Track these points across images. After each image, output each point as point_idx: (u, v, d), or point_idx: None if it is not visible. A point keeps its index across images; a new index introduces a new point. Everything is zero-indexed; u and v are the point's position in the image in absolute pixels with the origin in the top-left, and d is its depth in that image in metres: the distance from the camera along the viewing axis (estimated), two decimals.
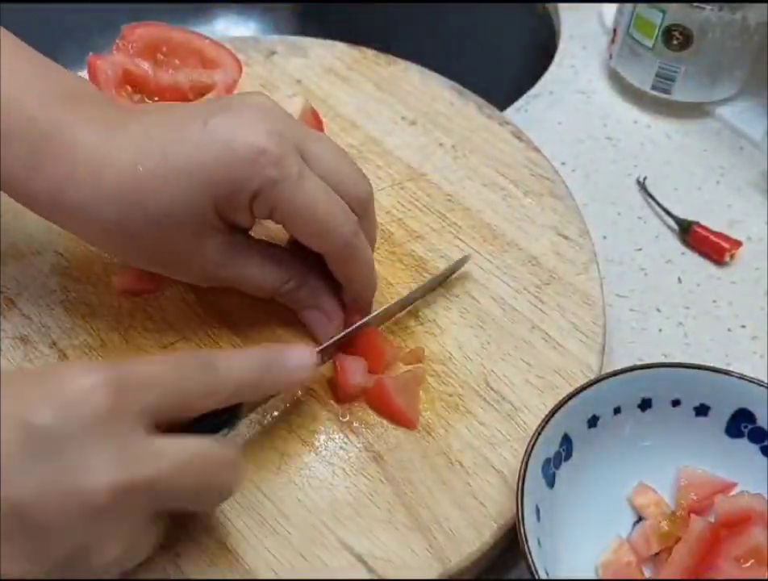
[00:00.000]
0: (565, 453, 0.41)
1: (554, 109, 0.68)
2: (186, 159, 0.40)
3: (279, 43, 0.66)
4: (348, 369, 0.44)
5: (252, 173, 0.39)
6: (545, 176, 0.57)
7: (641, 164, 0.64)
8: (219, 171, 0.40)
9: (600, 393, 0.41)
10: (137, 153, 0.40)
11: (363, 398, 0.44)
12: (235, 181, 0.40)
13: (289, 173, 0.40)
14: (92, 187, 0.40)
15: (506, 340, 0.47)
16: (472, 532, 0.40)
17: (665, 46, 0.63)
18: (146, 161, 0.40)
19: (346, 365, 0.44)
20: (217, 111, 0.41)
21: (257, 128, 0.40)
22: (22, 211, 0.42)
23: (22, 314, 0.47)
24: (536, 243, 0.53)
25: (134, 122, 0.41)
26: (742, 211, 0.60)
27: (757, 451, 0.42)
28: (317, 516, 0.40)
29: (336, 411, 0.44)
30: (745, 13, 0.60)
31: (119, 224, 0.41)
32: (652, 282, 0.56)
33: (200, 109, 0.42)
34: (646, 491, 0.43)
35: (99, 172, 0.40)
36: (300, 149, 0.41)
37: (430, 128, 0.60)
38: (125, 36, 0.57)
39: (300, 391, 0.44)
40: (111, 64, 0.55)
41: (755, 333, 0.53)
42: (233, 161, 0.39)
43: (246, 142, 0.39)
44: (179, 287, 0.49)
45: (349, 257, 0.43)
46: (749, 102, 0.67)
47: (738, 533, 0.40)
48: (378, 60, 0.65)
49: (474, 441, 0.43)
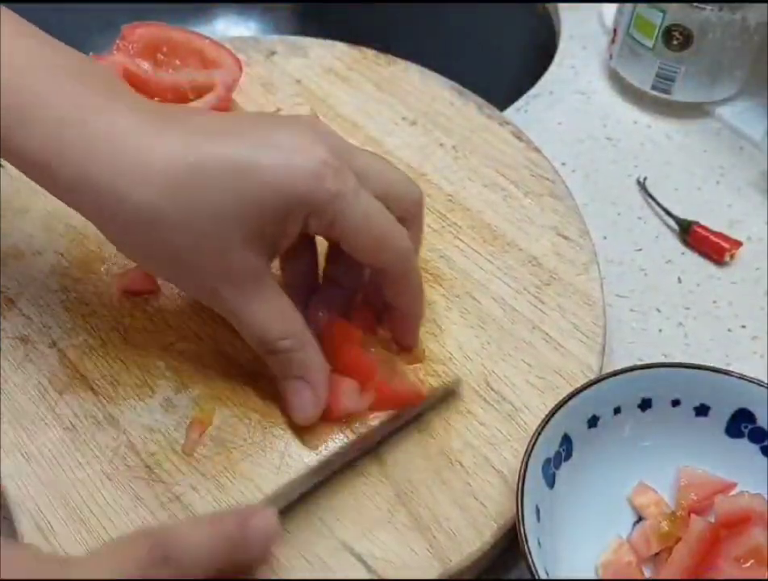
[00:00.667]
0: (565, 453, 0.41)
1: (554, 109, 0.68)
2: (249, 159, 0.38)
3: (279, 43, 0.66)
4: (340, 394, 0.42)
5: (316, 185, 0.38)
6: (545, 176, 0.57)
7: (641, 164, 0.64)
8: (282, 178, 0.38)
9: (600, 393, 0.41)
10: (188, 145, 0.38)
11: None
12: (298, 192, 0.38)
13: (348, 187, 0.39)
14: (135, 174, 0.38)
15: (506, 340, 0.47)
16: (472, 532, 0.40)
17: (665, 46, 0.63)
18: (200, 155, 0.38)
19: (338, 389, 0.42)
20: (272, 122, 0.40)
21: (317, 143, 0.39)
22: (23, 210, 0.42)
23: (22, 314, 0.47)
24: (536, 243, 0.53)
25: (177, 118, 0.40)
26: (742, 211, 0.60)
27: (757, 451, 0.42)
28: (317, 515, 0.40)
29: None
30: (745, 13, 0.60)
31: (153, 214, 0.38)
32: (652, 282, 0.56)
33: (252, 117, 0.41)
34: (646, 490, 0.43)
35: (143, 158, 0.38)
36: (351, 164, 0.40)
37: (430, 128, 0.60)
38: (125, 36, 0.57)
39: None
40: (111, 64, 0.55)
41: (755, 333, 0.53)
42: (297, 170, 0.38)
43: (310, 155, 0.38)
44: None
45: (405, 272, 0.42)
46: (749, 102, 0.68)
47: (738, 534, 0.40)
48: (378, 60, 0.65)
49: (474, 441, 0.43)
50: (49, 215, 0.52)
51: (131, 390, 0.44)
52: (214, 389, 0.44)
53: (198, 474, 0.41)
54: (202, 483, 0.41)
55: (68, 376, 0.44)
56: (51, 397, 0.43)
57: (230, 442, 0.42)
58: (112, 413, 0.43)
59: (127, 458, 0.41)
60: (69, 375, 0.44)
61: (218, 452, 0.42)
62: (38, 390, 0.44)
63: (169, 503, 0.40)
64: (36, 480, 0.40)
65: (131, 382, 0.44)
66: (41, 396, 0.43)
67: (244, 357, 0.45)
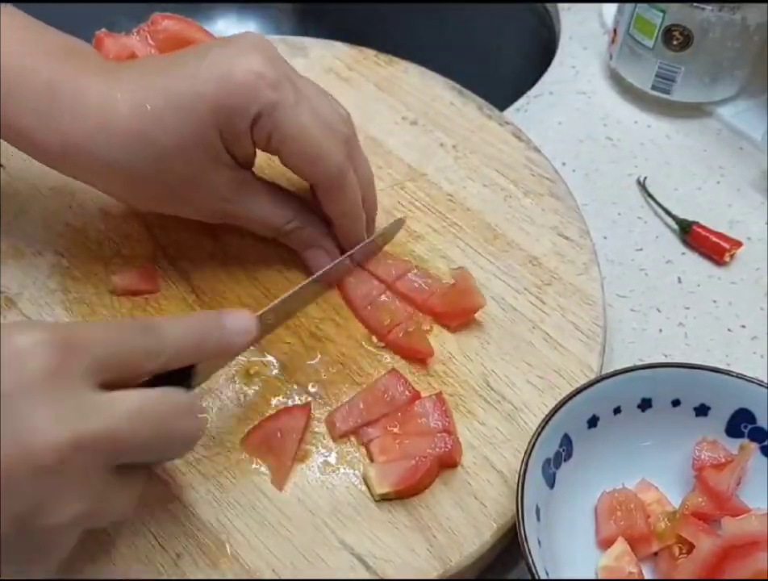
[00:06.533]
0: (565, 453, 0.41)
1: (554, 109, 0.68)
2: (190, 91, 0.42)
3: (279, 43, 0.66)
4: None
5: (253, 96, 0.42)
6: (546, 176, 0.57)
7: (641, 164, 0.64)
8: (221, 98, 0.42)
9: (600, 393, 0.41)
10: (142, 94, 0.42)
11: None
12: (236, 106, 0.42)
13: (286, 97, 0.42)
14: (101, 130, 0.42)
15: (506, 340, 0.47)
16: (472, 532, 0.40)
17: (665, 46, 0.63)
18: (152, 100, 0.42)
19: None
20: (212, 47, 0.43)
21: (253, 56, 0.42)
22: (23, 210, 0.42)
23: (22, 314, 0.47)
24: (536, 243, 0.53)
25: (135, 67, 0.44)
26: (742, 211, 0.60)
27: (757, 451, 0.42)
28: (318, 516, 0.40)
29: None
30: (745, 13, 0.60)
31: (130, 164, 0.42)
32: (652, 282, 0.56)
33: (196, 48, 0.45)
34: (648, 488, 0.43)
35: (108, 115, 0.42)
36: (290, 80, 0.43)
37: (430, 128, 0.60)
38: (152, 23, 0.56)
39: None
40: (120, 45, 0.54)
41: (755, 333, 0.53)
42: (234, 87, 0.42)
43: (244, 68, 0.42)
44: (179, 287, 0.49)
45: (340, 187, 0.45)
46: (749, 102, 0.67)
47: (743, 556, 0.39)
48: (378, 60, 0.65)
49: (474, 441, 0.43)
50: (49, 215, 0.52)
51: None
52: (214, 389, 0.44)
53: (198, 474, 0.41)
54: (202, 483, 0.41)
55: None
56: None
57: (230, 442, 0.42)
58: None
59: None
60: None
61: (218, 452, 0.42)
62: None
63: (169, 503, 0.40)
64: None
65: None
66: None
67: (243, 356, 0.45)
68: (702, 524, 0.40)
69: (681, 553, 0.40)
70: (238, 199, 0.46)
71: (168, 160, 0.43)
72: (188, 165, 0.43)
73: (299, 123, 0.43)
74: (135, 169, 0.43)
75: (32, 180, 0.53)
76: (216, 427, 0.43)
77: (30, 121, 0.42)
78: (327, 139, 0.44)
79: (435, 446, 0.41)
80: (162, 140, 0.42)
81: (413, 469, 0.40)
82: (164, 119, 0.42)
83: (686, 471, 0.43)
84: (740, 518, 0.40)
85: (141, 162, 0.42)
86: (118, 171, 0.43)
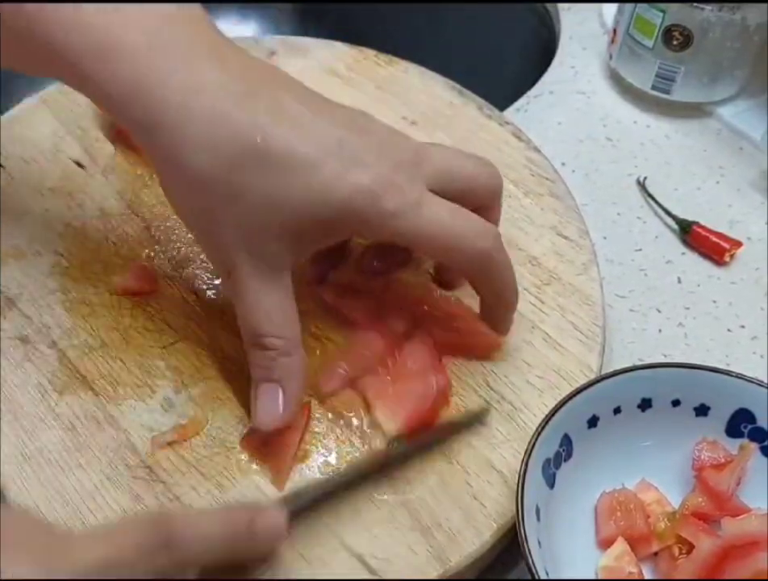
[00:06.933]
0: (565, 453, 0.41)
1: (554, 109, 0.68)
2: (310, 159, 0.38)
3: (279, 43, 0.66)
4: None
5: (371, 204, 0.38)
6: (545, 176, 0.57)
7: (641, 164, 0.64)
8: (336, 190, 0.38)
9: (600, 393, 0.41)
10: (259, 125, 0.38)
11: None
12: (350, 206, 0.38)
13: (408, 202, 0.38)
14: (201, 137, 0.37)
15: (506, 340, 0.47)
16: (472, 533, 0.40)
17: (665, 46, 0.63)
18: (267, 137, 0.37)
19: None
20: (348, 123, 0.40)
21: (385, 156, 0.39)
22: (23, 211, 0.42)
23: (22, 314, 0.47)
24: (536, 243, 0.53)
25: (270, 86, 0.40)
26: (742, 211, 0.60)
27: (757, 451, 0.42)
28: (318, 516, 0.40)
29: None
30: (745, 13, 0.60)
31: (207, 182, 0.38)
32: (652, 282, 0.56)
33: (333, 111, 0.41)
34: (648, 488, 0.43)
35: (217, 127, 0.37)
36: (427, 168, 0.40)
37: (430, 129, 0.60)
38: None
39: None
40: None
41: (755, 333, 0.53)
42: (353, 186, 0.38)
43: (372, 170, 0.38)
44: (179, 287, 0.49)
45: (487, 268, 0.42)
46: (749, 102, 0.67)
47: (743, 556, 0.39)
48: (378, 60, 0.65)
49: (474, 441, 0.43)
50: (49, 215, 0.52)
51: (131, 390, 0.44)
52: (214, 389, 0.44)
53: (198, 474, 0.41)
54: (202, 483, 0.41)
55: (68, 376, 0.44)
56: (51, 397, 0.43)
57: (230, 442, 0.42)
58: (112, 413, 0.43)
59: (127, 458, 0.41)
60: (69, 375, 0.44)
61: (218, 452, 0.42)
62: (38, 391, 0.44)
63: (169, 503, 0.40)
64: (36, 480, 0.40)
65: (131, 382, 0.44)
66: (41, 396, 0.43)
67: (243, 357, 0.45)
68: (702, 525, 0.40)
69: (681, 553, 0.40)
70: (258, 275, 0.40)
71: (238, 198, 0.38)
72: (251, 219, 0.38)
73: (426, 222, 0.39)
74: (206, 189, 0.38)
75: (32, 180, 0.53)
76: (216, 426, 0.43)
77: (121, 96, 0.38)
78: (464, 226, 0.40)
79: (433, 382, 0.41)
80: (248, 182, 0.38)
81: (421, 398, 0.40)
82: (262, 163, 0.38)
83: (686, 471, 0.43)
84: (740, 518, 0.40)
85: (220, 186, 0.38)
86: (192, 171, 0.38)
